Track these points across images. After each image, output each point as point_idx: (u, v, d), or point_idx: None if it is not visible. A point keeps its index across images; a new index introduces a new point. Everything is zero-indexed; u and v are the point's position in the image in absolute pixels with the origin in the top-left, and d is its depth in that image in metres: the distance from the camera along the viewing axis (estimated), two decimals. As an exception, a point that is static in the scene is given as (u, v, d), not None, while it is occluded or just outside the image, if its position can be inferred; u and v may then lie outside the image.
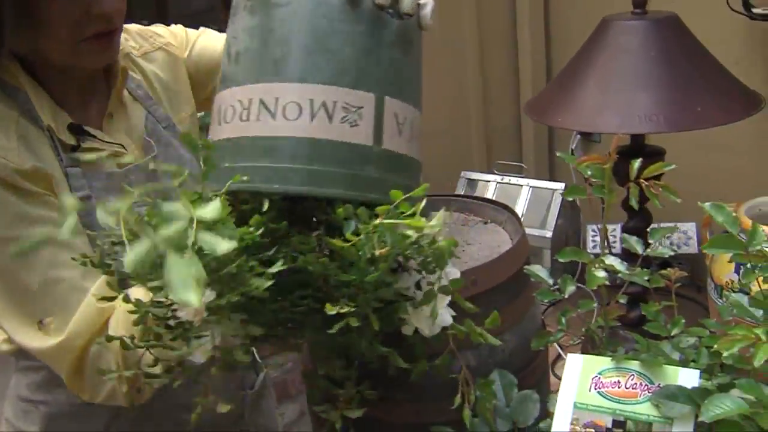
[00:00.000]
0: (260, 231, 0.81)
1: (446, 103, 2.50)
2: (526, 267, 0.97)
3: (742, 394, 0.76)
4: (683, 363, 0.88)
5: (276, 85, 0.86)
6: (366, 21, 0.88)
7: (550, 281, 0.95)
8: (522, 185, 2.21)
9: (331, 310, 0.81)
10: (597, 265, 0.83)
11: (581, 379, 0.87)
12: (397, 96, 0.91)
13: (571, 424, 0.85)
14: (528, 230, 1.16)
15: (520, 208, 2.16)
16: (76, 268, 1.06)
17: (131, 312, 0.88)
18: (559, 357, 1.68)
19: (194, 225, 0.69)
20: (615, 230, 2.06)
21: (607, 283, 0.84)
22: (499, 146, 2.55)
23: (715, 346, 0.79)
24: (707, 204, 0.82)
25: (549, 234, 2.09)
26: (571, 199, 1.66)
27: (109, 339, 0.95)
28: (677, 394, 0.80)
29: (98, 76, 1.22)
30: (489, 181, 2.25)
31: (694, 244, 2.13)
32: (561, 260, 0.88)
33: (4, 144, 1.07)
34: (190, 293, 0.63)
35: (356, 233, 0.82)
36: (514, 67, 2.48)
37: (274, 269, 0.81)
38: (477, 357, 1.00)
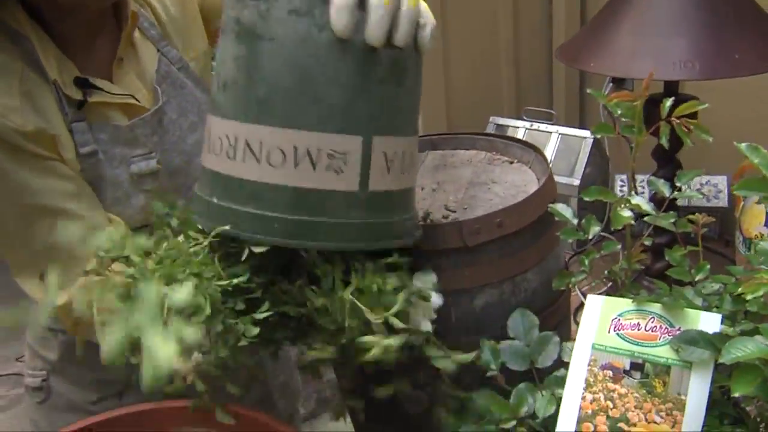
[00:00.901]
0: (245, 277, 0.84)
1: (476, 47, 2.46)
2: (550, 205, 0.96)
3: (765, 340, 0.75)
4: (706, 309, 0.87)
5: (261, 128, 0.83)
6: (356, 58, 0.82)
7: (575, 220, 0.94)
8: (551, 132, 2.18)
9: (310, 354, 0.85)
10: (623, 205, 0.82)
11: (600, 321, 0.86)
12: (387, 132, 0.86)
13: (589, 365, 0.84)
14: (556, 177, 1.14)
15: (548, 156, 2.13)
16: (75, 234, 1.09)
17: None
18: (581, 306, 1.68)
19: (165, 309, 0.72)
20: (643, 181, 2.04)
21: (632, 222, 0.83)
22: (529, 92, 2.52)
23: (740, 289, 0.78)
24: (743, 144, 0.79)
25: (577, 182, 2.07)
26: (599, 136, 1.62)
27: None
28: (697, 338, 0.80)
29: (107, 18, 1.20)
30: (518, 128, 2.23)
31: (724, 197, 2.11)
32: (586, 199, 0.86)
33: (6, 102, 1.05)
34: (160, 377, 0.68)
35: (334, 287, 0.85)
36: (547, 11, 2.43)
37: (260, 315, 0.84)
38: (499, 295, 1.00)
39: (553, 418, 0.83)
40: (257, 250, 0.84)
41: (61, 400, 1.33)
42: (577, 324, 0.86)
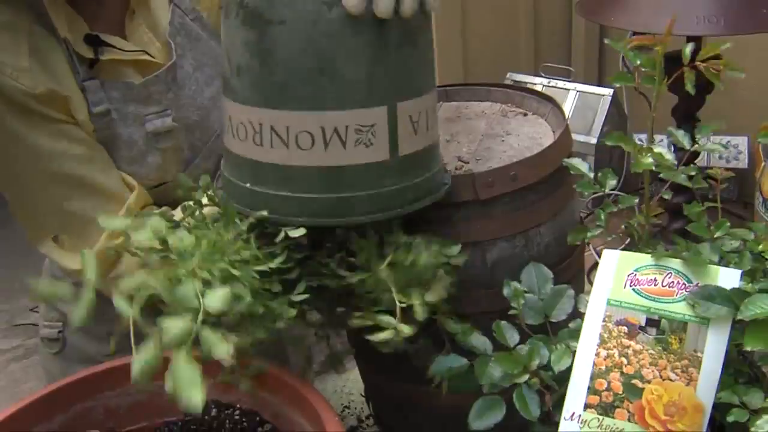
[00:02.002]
0: (283, 257, 0.83)
1: (494, 1, 2.42)
2: (565, 160, 0.94)
3: (785, 299, 0.73)
4: (724, 266, 0.85)
5: (284, 113, 0.82)
6: (369, 30, 0.81)
7: (591, 174, 0.92)
8: (569, 89, 2.15)
9: (357, 323, 0.84)
10: (644, 153, 0.79)
11: (616, 276, 0.84)
12: (409, 95, 0.86)
13: (604, 321, 0.83)
14: (573, 135, 1.12)
15: (566, 113, 2.10)
16: (88, 199, 1.09)
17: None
18: (595, 265, 1.66)
19: (200, 317, 0.71)
20: (662, 141, 2.00)
21: (653, 168, 0.80)
22: (547, 48, 2.48)
23: (761, 246, 0.76)
24: None
25: (594, 140, 2.04)
26: (617, 85, 1.59)
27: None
28: (714, 294, 0.77)
29: None
30: (535, 84, 2.19)
31: (744, 158, 2.07)
32: (608, 143, 0.84)
33: (15, 63, 1.03)
34: (194, 393, 0.68)
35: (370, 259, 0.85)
36: (568, -35, 2.38)
37: (297, 297, 0.83)
38: (511, 248, 0.98)
39: (566, 372, 0.81)
40: (294, 234, 0.83)
41: (76, 352, 1.34)
42: (591, 284, 0.84)
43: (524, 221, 0.99)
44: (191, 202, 0.94)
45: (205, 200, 0.95)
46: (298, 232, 0.84)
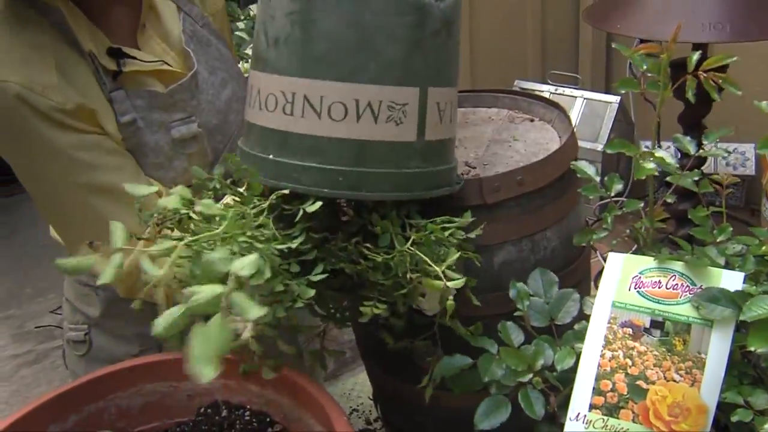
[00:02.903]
0: (302, 238, 0.83)
1: (502, 8, 2.43)
2: (572, 162, 0.95)
3: (788, 300, 0.74)
4: (728, 269, 0.86)
5: (320, 83, 0.83)
6: (411, 12, 0.83)
7: (597, 178, 0.93)
8: (576, 97, 2.16)
9: (366, 312, 0.84)
10: (647, 158, 0.80)
11: (621, 278, 0.85)
12: (440, 83, 0.88)
13: (609, 323, 0.84)
14: (580, 143, 1.13)
15: (573, 120, 2.11)
16: (120, 207, 1.08)
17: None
18: (602, 271, 1.66)
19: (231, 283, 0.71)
20: (669, 147, 2.01)
21: (656, 173, 0.82)
22: (554, 56, 2.48)
23: (763, 249, 0.77)
24: (764, 103, 0.77)
25: (601, 147, 2.05)
26: (623, 91, 1.60)
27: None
28: (719, 296, 0.79)
29: None
30: (542, 91, 2.20)
31: (751, 165, 2.07)
32: (609, 152, 0.85)
33: (45, 80, 1.04)
34: (207, 367, 0.65)
35: (391, 245, 0.86)
36: (575, -27, 2.40)
37: (316, 277, 0.84)
38: (518, 252, 0.99)
39: (569, 373, 0.82)
40: (310, 209, 0.83)
41: (103, 353, 1.35)
42: (597, 288, 0.85)
43: (531, 225, 1.00)
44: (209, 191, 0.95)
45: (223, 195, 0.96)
46: (314, 207, 0.84)
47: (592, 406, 0.81)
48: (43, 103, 1.03)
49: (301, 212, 0.84)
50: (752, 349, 0.73)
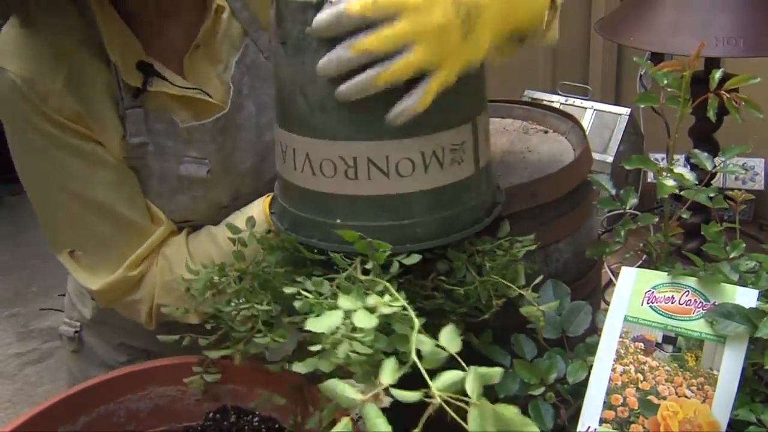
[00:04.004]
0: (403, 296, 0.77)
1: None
2: (589, 175, 0.95)
3: (802, 318, 0.74)
4: (741, 285, 0.86)
5: (385, 143, 0.80)
6: None
7: (614, 191, 0.93)
8: (586, 108, 2.16)
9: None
10: (665, 174, 0.80)
11: (634, 293, 0.85)
12: (483, 109, 0.87)
13: (620, 337, 0.84)
14: (590, 153, 1.13)
15: (582, 131, 2.12)
16: (107, 225, 1.07)
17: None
18: (609, 283, 1.66)
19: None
20: (679, 160, 2.01)
21: (676, 191, 0.82)
22: (565, 67, 2.49)
23: (778, 266, 0.77)
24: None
25: (610, 159, 2.05)
26: (642, 106, 1.60)
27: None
28: (733, 312, 0.79)
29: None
30: (552, 102, 2.21)
31: (761, 180, 2.08)
32: (628, 167, 0.85)
33: (49, 84, 1.00)
34: None
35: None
36: (587, -16, 2.40)
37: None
38: (530, 264, 0.99)
39: (580, 386, 0.82)
40: (409, 261, 0.81)
41: (93, 354, 1.34)
42: (606, 303, 0.85)
43: (543, 237, 1.00)
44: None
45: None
46: (412, 260, 0.81)
47: (602, 420, 0.81)
48: (40, 103, 1.00)
49: (397, 264, 0.81)
50: (766, 367, 0.73)
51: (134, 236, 1.08)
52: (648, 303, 0.84)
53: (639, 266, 0.87)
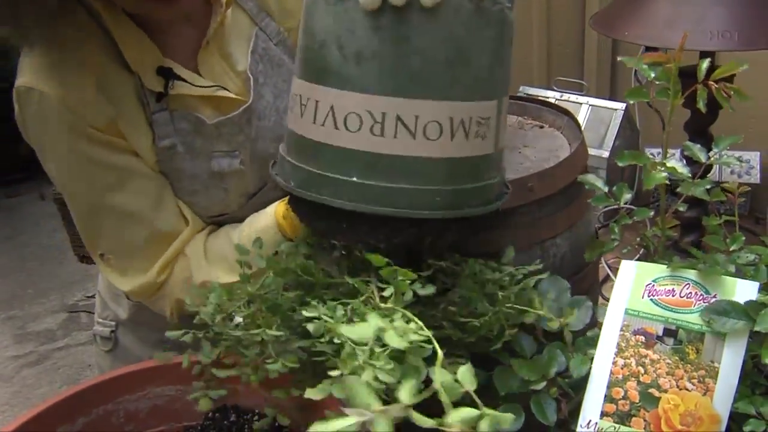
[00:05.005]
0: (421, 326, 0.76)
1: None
2: (580, 176, 0.95)
3: (802, 310, 0.74)
4: (741, 278, 0.86)
5: (415, 101, 0.79)
6: (495, 23, 0.81)
7: (605, 188, 0.93)
8: (581, 103, 2.15)
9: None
10: (658, 168, 0.80)
11: (634, 286, 0.85)
12: (507, 91, 0.87)
13: (621, 330, 0.84)
14: (585, 149, 1.13)
15: (578, 126, 2.11)
16: (137, 231, 1.10)
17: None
18: (607, 278, 1.66)
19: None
20: (674, 154, 2.01)
21: (667, 182, 0.82)
22: (560, 62, 2.49)
23: (778, 258, 0.77)
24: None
25: (606, 154, 2.05)
26: (631, 102, 1.62)
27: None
28: (729, 309, 0.78)
29: (196, 3, 1.10)
30: (548, 98, 2.20)
31: (756, 174, 2.07)
32: (621, 164, 0.85)
33: (80, 95, 1.02)
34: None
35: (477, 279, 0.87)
36: (581, -20, 2.40)
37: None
38: (528, 259, 0.99)
39: (582, 380, 0.82)
40: (423, 291, 0.80)
41: (127, 353, 1.35)
42: (604, 298, 0.85)
43: (541, 232, 1.00)
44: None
45: None
46: (427, 290, 0.80)
47: (603, 414, 0.81)
48: (75, 118, 1.02)
49: (411, 293, 0.79)
50: (766, 361, 0.73)
51: (164, 243, 1.12)
52: (648, 296, 0.84)
53: (637, 260, 0.87)
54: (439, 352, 0.66)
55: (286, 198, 1.06)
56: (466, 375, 0.64)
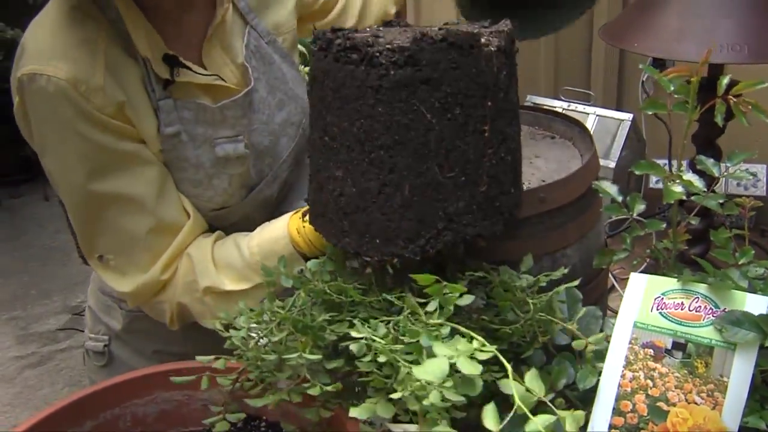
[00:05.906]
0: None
1: (516, 24, 2.43)
2: (594, 182, 0.95)
3: (812, 325, 0.74)
4: (751, 292, 0.86)
5: None
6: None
7: (620, 198, 0.93)
8: (588, 113, 2.16)
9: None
10: (674, 180, 0.80)
11: (643, 299, 0.85)
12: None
13: (630, 343, 0.84)
14: (593, 159, 1.13)
15: (586, 137, 2.12)
16: (139, 221, 1.09)
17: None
18: (612, 288, 1.66)
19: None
20: (683, 167, 2.01)
21: (684, 197, 0.82)
22: (567, 72, 2.49)
23: (788, 273, 0.77)
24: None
25: (612, 164, 2.05)
26: (650, 112, 1.61)
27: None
28: (742, 319, 0.79)
29: None
30: (555, 107, 2.20)
31: (762, 186, 2.08)
32: (637, 173, 0.85)
33: (90, 81, 1.03)
34: None
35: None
36: (589, -10, 2.40)
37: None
38: (538, 270, 0.99)
39: (589, 392, 0.82)
40: (462, 302, 0.80)
41: (123, 366, 1.34)
42: (611, 310, 0.85)
43: (551, 243, 1.00)
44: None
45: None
46: (465, 300, 0.81)
47: (611, 427, 0.81)
48: (84, 103, 1.02)
49: (451, 309, 0.80)
50: (776, 374, 0.73)
51: (166, 235, 1.11)
52: (657, 309, 0.84)
53: (643, 272, 0.87)
54: (508, 367, 0.67)
55: (299, 211, 1.06)
56: (534, 380, 0.67)
